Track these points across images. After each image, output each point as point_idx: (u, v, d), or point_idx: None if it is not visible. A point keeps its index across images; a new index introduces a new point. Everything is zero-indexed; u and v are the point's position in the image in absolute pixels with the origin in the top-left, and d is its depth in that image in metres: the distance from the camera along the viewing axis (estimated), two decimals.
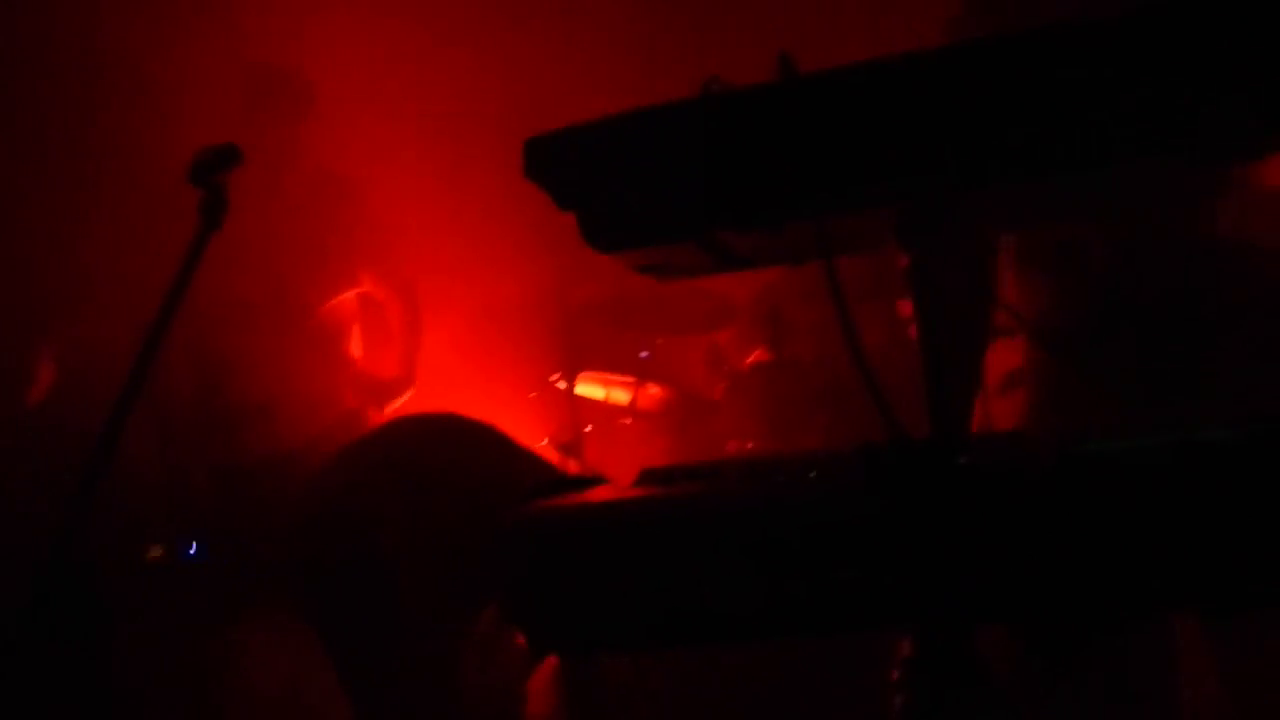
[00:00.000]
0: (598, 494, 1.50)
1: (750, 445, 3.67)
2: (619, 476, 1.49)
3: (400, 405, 3.17)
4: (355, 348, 3.24)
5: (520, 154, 1.12)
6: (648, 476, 1.49)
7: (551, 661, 2.46)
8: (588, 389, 4.05)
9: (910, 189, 1.01)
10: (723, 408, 3.98)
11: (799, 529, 1.13)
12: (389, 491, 2.11)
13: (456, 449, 2.17)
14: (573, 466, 3.86)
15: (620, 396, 4.10)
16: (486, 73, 3.93)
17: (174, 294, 1.56)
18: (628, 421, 4.13)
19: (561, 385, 3.91)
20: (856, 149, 1.02)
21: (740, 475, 1.46)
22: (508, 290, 4.31)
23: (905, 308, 3.90)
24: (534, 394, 4.08)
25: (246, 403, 2.99)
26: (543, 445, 3.91)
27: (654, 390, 4.01)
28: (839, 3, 3.90)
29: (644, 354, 4.36)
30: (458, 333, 4.25)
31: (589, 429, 4.08)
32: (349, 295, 3.20)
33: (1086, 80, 1.01)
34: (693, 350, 4.44)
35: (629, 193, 1.06)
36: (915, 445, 1.10)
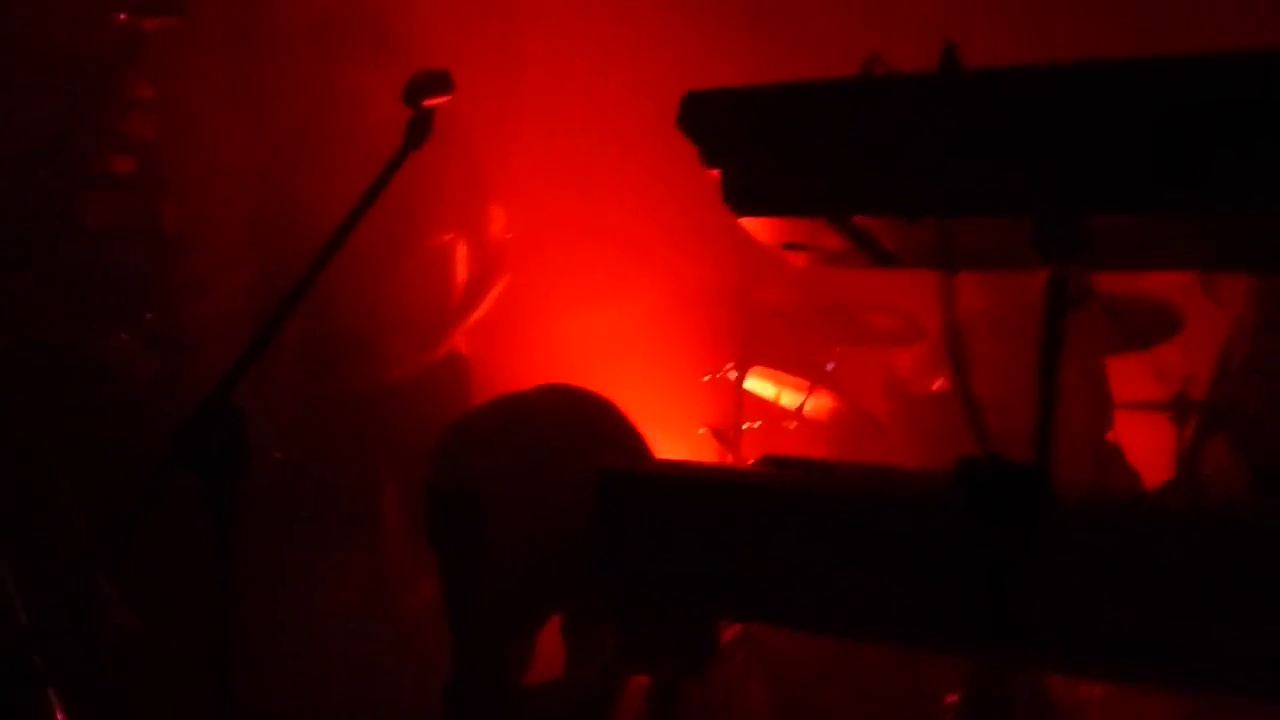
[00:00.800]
0: (700, 464, 1.52)
1: None
2: None
3: (429, 358, 3.22)
4: (451, 292, 3.30)
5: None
6: (766, 460, 1.51)
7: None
8: (759, 385, 4.06)
9: (1049, 201, 0.98)
10: (892, 430, 3.90)
11: (865, 528, 1.13)
12: (498, 471, 2.14)
13: (584, 444, 2.13)
14: (727, 458, 3.88)
15: (790, 399, 4.08)
16: (693, 68, 3.97)
17: (363, 202, 1.69)
18: (793, 425, 4.11)
19: (733, 376, 3.93)
20: (1003, 151, 1.01)
21: (850, 477, 1.46)
22: (695, 278, 4.37)
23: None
24: (706, 379, 4.12)
25: (347, 335, 3.14)
26: (700, 433, 3.95)
27: (826, 398, 3.97)
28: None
29: (830, 366, 4.30)
30: (640, 312, 4.35)
31: (753, 425, 4.08)
32: (448, 239, 3.24)
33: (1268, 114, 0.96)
34: (875, 366, 4.36)
35: (771, 158, 1.08)
36: (1009, 467, 1.08)
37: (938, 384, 4.15)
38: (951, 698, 2.26)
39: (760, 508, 1.20)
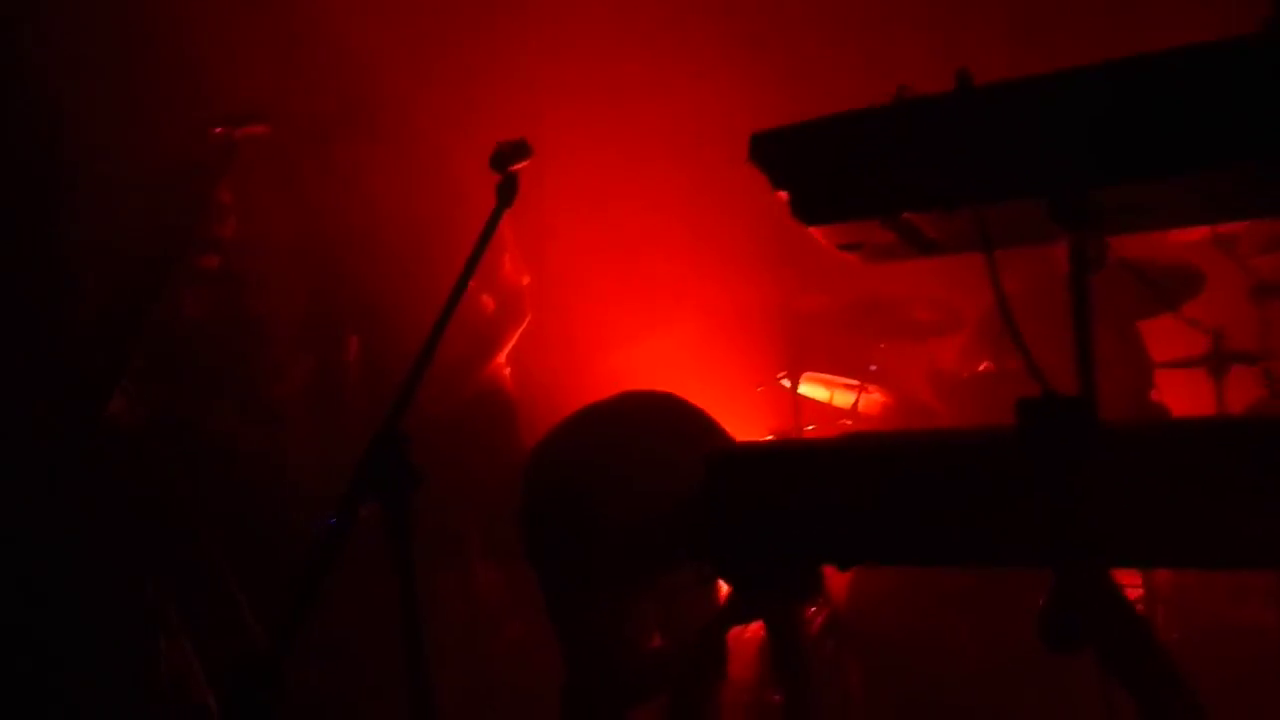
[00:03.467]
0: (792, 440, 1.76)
1: None
2: None
3: (460, 394, 3.54)
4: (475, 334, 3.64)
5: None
6: (847, 435, 1.75)
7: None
8: (812, 389, 4.28)
9: (1059, 180, 1.23)
10: (943, 416, 4.11)
11: (940, 468, 1.36)
12: (600, 468, 2.32)
13: (671, 433, 2.33)
14: None
15: (843, 399, 4.30)
16: (728, 97, 4.24)
17: (473, 257, 1.96)
18: (849, 423, 4.32)
19: (787, 383, 4.16)
20: (1018, 145, 1.26)
21: (921, 435, 1.69)
22: (743, 295, 4.61)
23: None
24: (760, 388, 4.35)
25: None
26: (764, 439, 4.17)
27: (877, 394, 4.18)
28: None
29: (873, 367, 4.52)
30: (694, 331, 4.60)
31: (811, 427, 4.30)
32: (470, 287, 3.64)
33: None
34: (921, 358, 4.58)
35: (831, 176, 1.33)
36: (1062, 401, 1.32)
37: (982, 366, 4.35)
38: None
39: (850, 462, 1.44)
